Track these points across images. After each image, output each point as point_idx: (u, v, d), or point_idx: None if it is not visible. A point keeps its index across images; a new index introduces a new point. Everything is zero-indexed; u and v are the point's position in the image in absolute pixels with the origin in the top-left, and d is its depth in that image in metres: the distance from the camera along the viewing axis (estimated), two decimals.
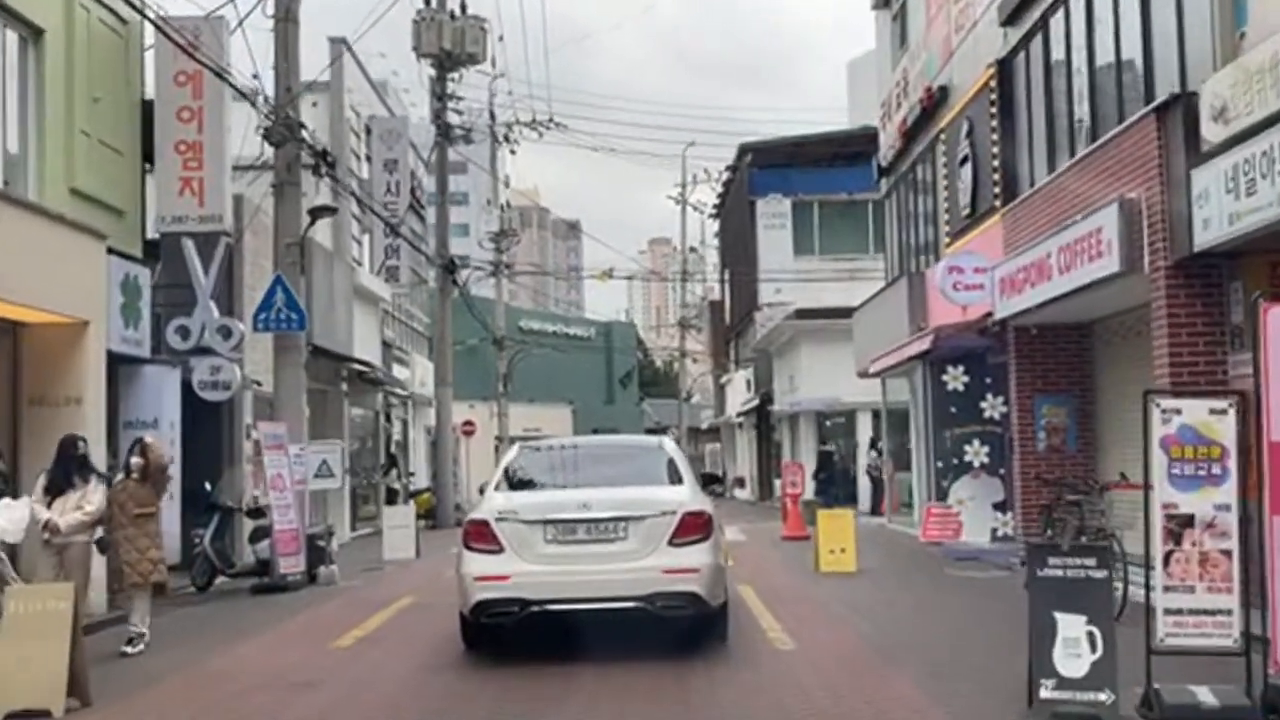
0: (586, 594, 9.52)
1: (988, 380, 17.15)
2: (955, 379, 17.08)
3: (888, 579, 15.60)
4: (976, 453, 16.78)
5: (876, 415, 32.55)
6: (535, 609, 9.56)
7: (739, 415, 48.47)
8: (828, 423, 34.57)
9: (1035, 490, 16.23)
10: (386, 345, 34.07)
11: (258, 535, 17.17)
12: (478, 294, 54.45)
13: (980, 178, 18.67)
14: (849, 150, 45.37)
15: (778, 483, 40.64)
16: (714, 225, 60.12)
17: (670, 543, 9.63)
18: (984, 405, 16.79)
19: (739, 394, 48.86)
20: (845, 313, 31.91)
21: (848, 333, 31.32)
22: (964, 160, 19.35)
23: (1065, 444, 16.33)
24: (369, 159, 33.79)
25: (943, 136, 20.88)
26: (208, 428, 18.57)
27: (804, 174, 44.79)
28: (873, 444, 32.77)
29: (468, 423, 52.44)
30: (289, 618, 13.48)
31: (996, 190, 17.85)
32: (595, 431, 64.16)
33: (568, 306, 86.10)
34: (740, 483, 47.44)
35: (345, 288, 26.54)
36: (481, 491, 11.27)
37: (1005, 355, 17.40)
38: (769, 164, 45.02)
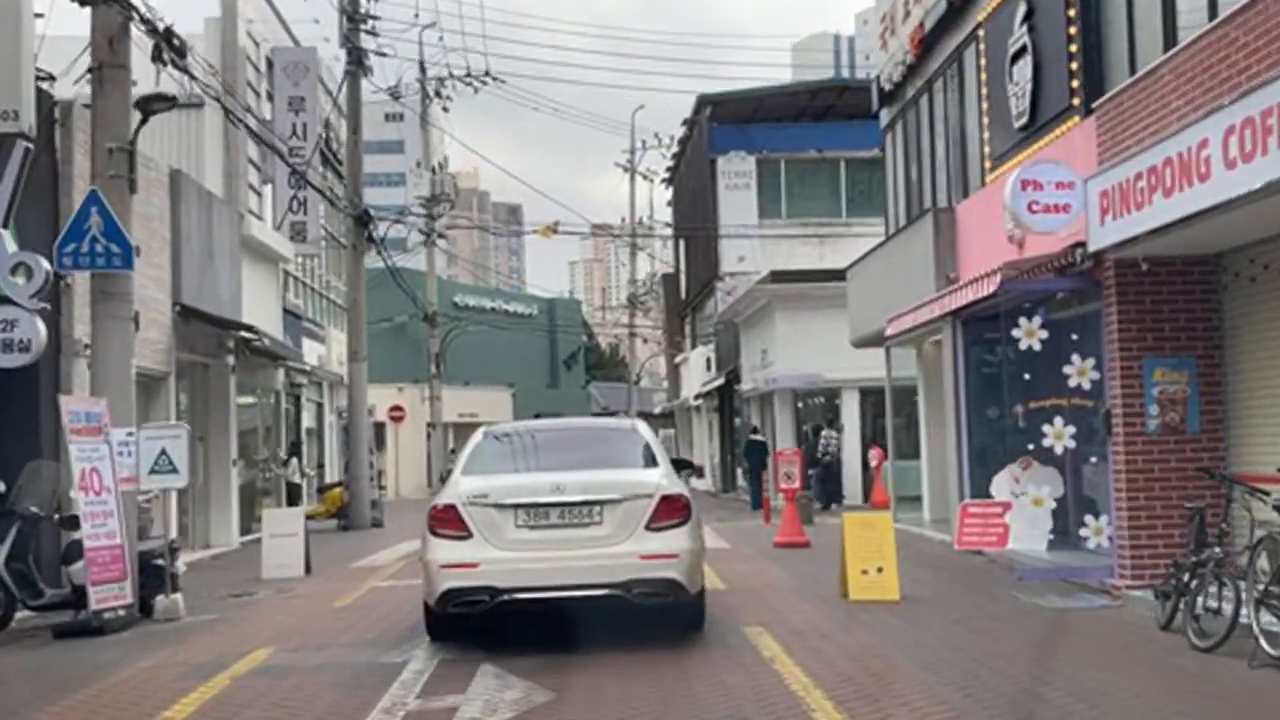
0: (560, 581, 9.13)
1: (1073, 337, 12.67)
2: (1029, 335, 12.57)
3: (952, 614, 11.04)
4: (1059, 434, 12.31)
5: (865, 393, 28.20)
6: (505, 598, 9.14)
7: (697, 397, 43.95)
8: (801, 404, 30.07)
9: (1147, 484, 11.80)
10: (294, 315, 29.15)
11: (72, 553, 12.39)
12: (407, 267, 49.48)
13: (1046, 73, 14.15)
14: (818, 105, 41.11)
15: (739, 471, 36.24)
16: (664, 199, 55.52)
17: (648, 527, 9.29)
18: (1068, 371, 12.32)
19: (697, 374, 44.34)
20: (831, 274, 27.52)
21: (832, 299, 26.96)
22: (1018, 55, 14.84)
23: (1185, 422, 11.86)
24: (270, 97, 28.88)
25: (980, 32, 16.38)
26: (12, 408, 13.72)
27: (769, 130, 40.44)
28: (830, 422, 28.59)
29: (396, 408, 47.61)
30: (67, 691, 8.68)
31: (1074, 84, 13.35)
32: (538, 416, 59.41)
33: (513, 286, 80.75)
34: (699, 472, 42.88)
35: (230, 239, 21.66)
36: (443, 480, 10.77)
37: (1087, 303, 12.98)
38: (730, 118, 40.55)
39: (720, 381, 34.76)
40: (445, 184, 47.11)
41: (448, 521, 9.29)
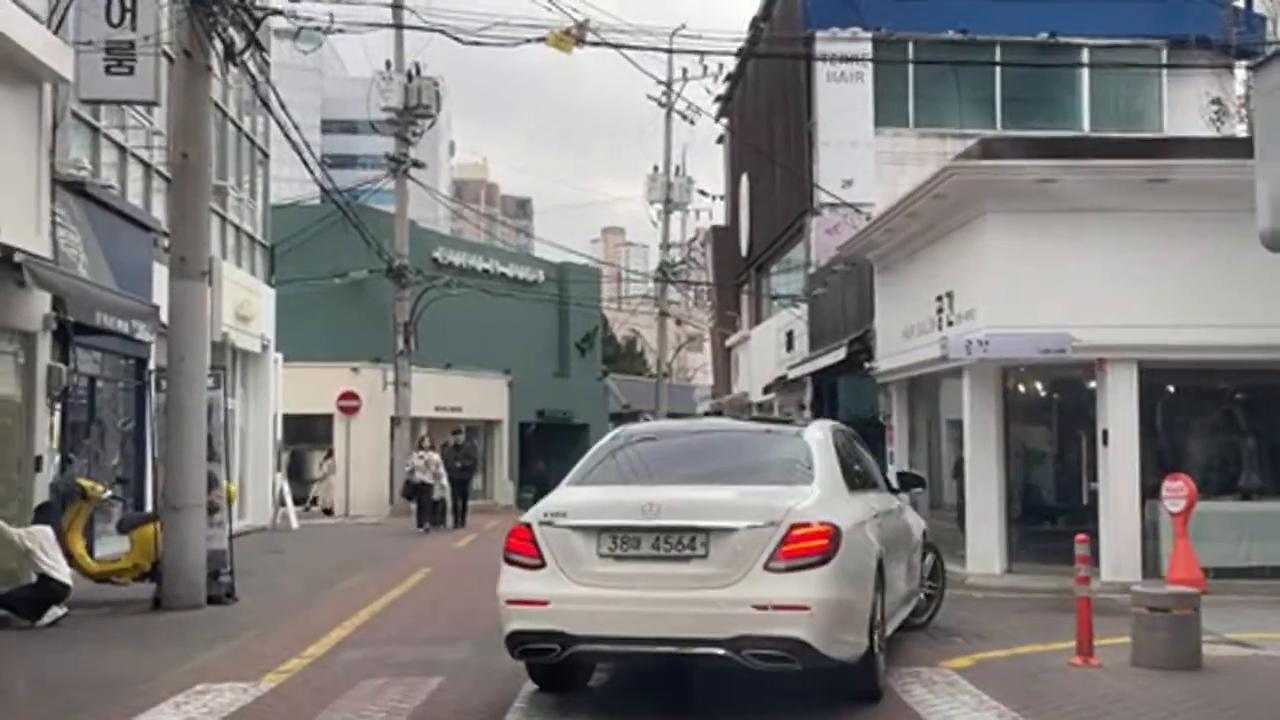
0: (646, 631, 7.08)
1: None
2: None
3: None
4: None
5: (1150, 374, 15.31)
6: (579, 649, 7.17)
7: (767, 390, 31.07)
8: (1016, 388, 17.08)
9: None
10: (82, 192, 16.07)
11: None
12: (376, 205, 36.73)
13: None
14: None
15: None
16: (699, 158, 42.64)
17: (768, 566, 6.99)
18: None
19: (766, 356, 31.52)
20: (1104, 145, 14.80)
21: (1098, 196, 14.37)
22: None
23: None
24: None
25: None
26: None
27: (888, 2, 27.71)
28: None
29: (348, 395, 34.80)
30: None
31: None
32: (540, 414, 46.24)
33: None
34: None
35: None
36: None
37: None
38: None
39: (837, 356, 21.74)
40: (424, 92, 34.33)
41: (520, 545, 7.46)
